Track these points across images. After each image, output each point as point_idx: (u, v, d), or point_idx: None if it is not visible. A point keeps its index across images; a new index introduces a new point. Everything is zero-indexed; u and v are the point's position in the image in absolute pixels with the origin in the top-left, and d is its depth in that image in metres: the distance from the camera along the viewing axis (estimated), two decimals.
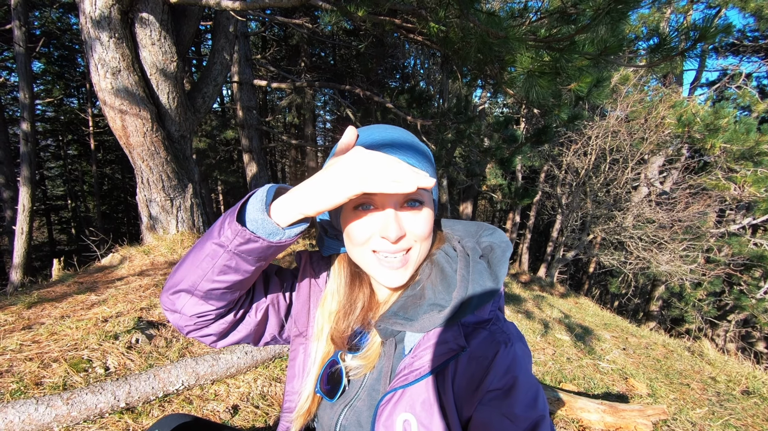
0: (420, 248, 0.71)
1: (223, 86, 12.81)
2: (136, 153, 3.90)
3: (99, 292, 3.05)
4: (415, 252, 0.70)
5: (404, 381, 0.64)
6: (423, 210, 0.69)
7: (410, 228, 0.68)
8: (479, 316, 0.68)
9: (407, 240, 0.69)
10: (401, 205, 0.68)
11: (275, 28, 12.71)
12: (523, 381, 0.62)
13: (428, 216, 0.70)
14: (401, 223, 0.67)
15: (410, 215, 0.68)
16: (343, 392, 0.76)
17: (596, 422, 2.31)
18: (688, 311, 10.91)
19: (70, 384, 1.80)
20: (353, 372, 0.76)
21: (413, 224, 0.68)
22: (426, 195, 0.70)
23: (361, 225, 0.68)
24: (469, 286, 0.67)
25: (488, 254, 0.73)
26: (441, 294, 0.68)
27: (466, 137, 5.78)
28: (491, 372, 0.62)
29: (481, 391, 0.62)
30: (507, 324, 0.71)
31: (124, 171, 18.41)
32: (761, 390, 3.62)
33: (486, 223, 0.80)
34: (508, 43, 2.47)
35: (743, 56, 13.72)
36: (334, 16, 3.39)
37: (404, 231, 0.67)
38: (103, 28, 3.39)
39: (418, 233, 0.69)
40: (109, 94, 3.59)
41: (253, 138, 9.33)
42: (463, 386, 0.63)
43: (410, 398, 0.64)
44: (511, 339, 0.66)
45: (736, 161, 8.10)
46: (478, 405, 0.62)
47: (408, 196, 0.68)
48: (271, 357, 2.36)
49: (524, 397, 0.61)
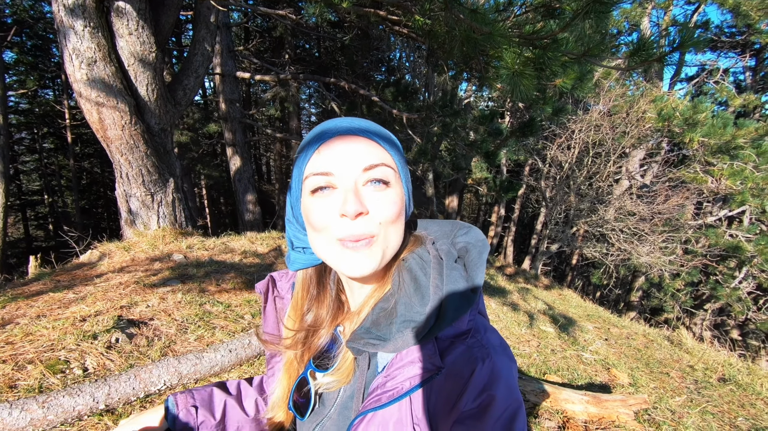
0: (386, 236, 0.63)
1: (206, 78, 12.55)
2: (115, 147, 3.79)
3: (77, 290, 2.97)
4: (381, 238, 0.63)
5: (377, 402, 0.60)
6: (388, 190, 0.63)
7: (373, 207, 0.62)
8: (457, 328, 0.63)
9: (370, 222, 0.61)
10: (363, 184, 0.62)
11: (258, 19, 12.49)
12: (500, 399, 0.58)
13: (395, 198, 0.64)
14: (362, 200, 0.61)
15: (373, 194, 0.62)
16: (312, 410, 0.74)
17: (580, 413, 2.35)
18: (666, 301, 11.21)
19: (46, 387, 1.75)
20: (325, 387, 0.73)
21: (376, 202, 0.62)
22: (392, 176, 0.64)
23: (320, 208, 0.63)
24: (443, 297, 0.61)
25: (464, 257, 0.68)
26: (415, 308, 0.61)
27: (451, 131, 5.78)
28: (467, 391, 0.58)
29: (457, 410, 0.58)
30: (488, 334, 0.65)
31: (103, 165, 17.93)
32: (737, 377, 3.74)
33: (461, 221, 0.74)
34: (492, 38, 2.46)
35: (721, 52, 14.05)
36: (318, 7, 3.34)
37: (366, 208, 0.61)
38: (78, 17, 3.26)
39: (383, 214, 0.62)
40: (85, 85, 3.47)
41: (236, 131, 9.18)
42: (439, 405, 0.60)
43: (382, 420, 0.60)
44: (491, 353, 0.60)
45: (714, 155, 8.31)
46: (453, 424, 0.58)
47: (370, 175, 0.62)
48: (255, 355, 2.33)
49: (499, 419, 0.57)
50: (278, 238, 5.40)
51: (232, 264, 3.98)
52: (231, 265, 3.95)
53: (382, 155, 0.64)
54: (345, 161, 0.61)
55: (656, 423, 2.47)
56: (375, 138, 0.64)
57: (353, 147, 0.62)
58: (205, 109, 15.13)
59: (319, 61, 12.08)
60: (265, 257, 4.47)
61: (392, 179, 0.64)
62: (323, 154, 0.62)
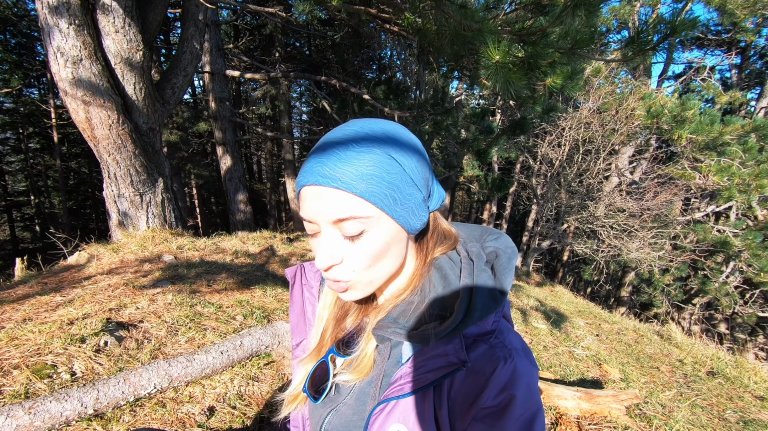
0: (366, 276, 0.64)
1: (195, 77, 12.43)
2: (102, 147, 3.73)
3: (65, 293, 2.92)
4: (358, 281, 0.64)
5: (399, 391, 0.61)
6: (362, 239, 0.61)
7: (347, 255, 0.62)
8: (482, 327, 0.63)
9: (344, 271, 0.62)
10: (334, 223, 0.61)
11: (248, 16, 12.37)
12: (521, 400, 0.58)
13: (371, 242, 0.61)
14: (335, 250, 0.61)
15: (348, 243, 0.61)
16: (327, 394, 0.74)
17: (572, 409, 2.36)
18: (656, 296, 11.35)
19: (33, 392, 1.71)
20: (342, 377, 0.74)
21: (350, 251, 0.62)
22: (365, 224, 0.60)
23: (314, 247, 0.66)
24: (473, 296, 0.62)
25: (493, 261, 0.68)
26: (444, 303, 0.64)
27: (443, 129, 5.79)
28: (487, 388, 0.58)
29: (476, 407, 0.59)
30: (511, 335, 0.65)
31: (91, 165, 17.67)
32: (725, 370, 3.80)
33: (490, 227, 0.75)
34: (482, 36, 2.46)
35: (707, 50, 14.24)
36: (308, 5, 3.31)
37: (338, 258, 0.62)
38: (62, 15, 3.20)
39: (356, 263, 0.62)
40: (71, 84, 3.41)
41: (226, 130, 9.10)
42: (458, 400, 0.60)
43: (404, 409, 0.61)
44: (512, 353, 0.61)
45: (701, 152, 8.42)
46: (472, 421, 0.59)
47: (340, 227, 0.60)
48: (248, 356, 2.31)
49: (518, 419, 0.57)
50: (270, 237, 5.37)
51: (223, 265, 3.95)
52: (222, 265, 3.92)
53: (351, 206, 0.59)
54: (317, 214, 0.61)
55: (647, 418, 2.50)
56: (346, 187, 0.58)
57: (322, 203, 0.60)
58: (195, 107, 14.97)
59: (309, 59, 12.01)
60: (257, 257, 4.44)
61: (367, 226, 0.60)
62: (302, 199, 0.63)
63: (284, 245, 5.09)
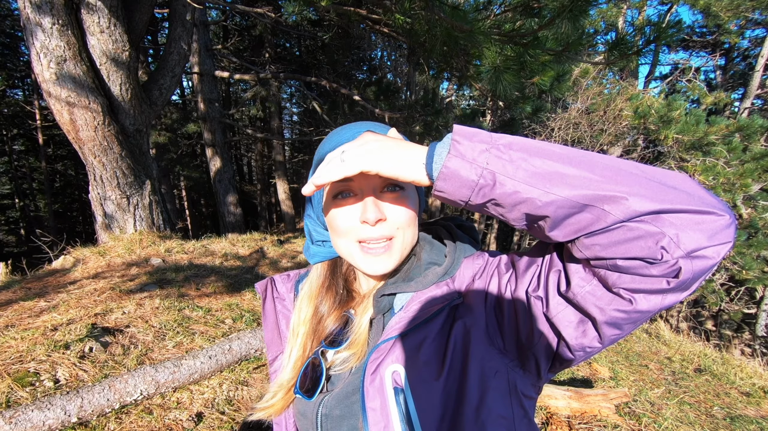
0: (404, 237, 0.71)
1: (183, 78, 12.29)
2: (87, 149, 3.66)
3: (49, 298, 2.86)
4: (399, 241, 0.71)
5: (395, 332, 0.66)
6: (403, 196, 0.70)
7: (390, 214, 0.69)
8: None
9: (388, 227, 0.69)
10: (380, 190, 0.69)
11: (237, 17, 12.28)
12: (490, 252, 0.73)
13: (409, 202, 0.70)
14: (381, 208, 0.68)
15: (390, 201, 0.69)
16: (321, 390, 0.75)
17: (563, 408, 2.37)
18: None
19: (14, 401, 1.67)
20: (338, 366, 0.75)
21: (393, 210, 0.69)
22: (405, 189, 0.70)
23: (342, 214, 0.69)
24: (456, 245, 0.75)
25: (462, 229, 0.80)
26: (435, 256, 0.74)
27: (434, 130, 5.80)
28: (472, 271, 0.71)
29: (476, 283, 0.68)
30: None
31: (77, 167, 17.37)
32: (712, 367, 3.85)
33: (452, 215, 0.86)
34: (473, 36, 2.47)
35: (693, 51, 14.47)
36: (298, 6, 3.29)
37: (384, 215, 0.68)
38: (45, 13, 3.14)
39: (399, 220, 0.69)
40: (54, 85, 3.34)
41: (216, 131, 9.01)
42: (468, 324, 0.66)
43: (401, 350, 0.65)
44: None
45: (687, 151, 8.53)
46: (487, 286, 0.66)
47: (386, 180, 0.67)
48: (237, 360, 2.28)
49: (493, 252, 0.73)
50: (260, 239, 5.32)
51: (212, 267, 3.90)
52: (211, 268, 3.87)
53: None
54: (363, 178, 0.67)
55: (636, 416, 2.52)
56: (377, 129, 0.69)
57: None
58: (184, 109, 14.81)
59: (300, 60, 11.96)
60: (246, 260, 4.39)
61: (403, 193, 0.71)
62: None
63: (275, 247, 5.05)
